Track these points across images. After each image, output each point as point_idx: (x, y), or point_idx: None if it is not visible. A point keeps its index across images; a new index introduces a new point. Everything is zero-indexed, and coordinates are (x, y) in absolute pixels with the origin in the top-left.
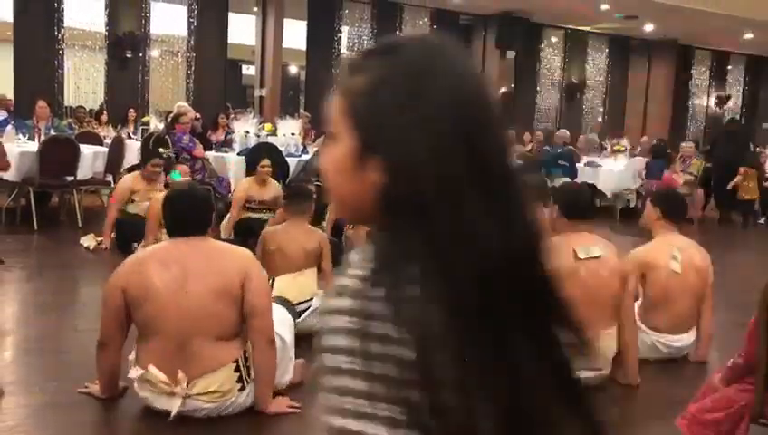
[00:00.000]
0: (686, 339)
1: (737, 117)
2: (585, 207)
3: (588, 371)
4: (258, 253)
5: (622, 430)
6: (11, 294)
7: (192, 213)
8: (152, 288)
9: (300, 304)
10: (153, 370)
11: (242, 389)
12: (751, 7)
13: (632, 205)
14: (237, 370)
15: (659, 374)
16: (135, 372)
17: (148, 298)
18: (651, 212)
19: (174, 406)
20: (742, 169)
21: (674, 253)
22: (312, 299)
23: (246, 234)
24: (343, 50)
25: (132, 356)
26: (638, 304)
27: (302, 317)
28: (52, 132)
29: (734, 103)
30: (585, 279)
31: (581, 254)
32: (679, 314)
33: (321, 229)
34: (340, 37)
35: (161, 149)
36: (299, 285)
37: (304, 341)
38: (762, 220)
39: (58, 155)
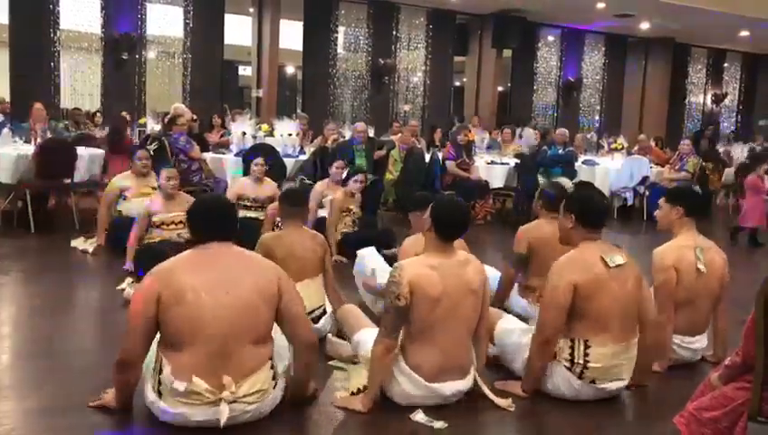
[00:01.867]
0: (701, 340)
1: (733, 114)
2: (602, 214)
3: (618, 381)
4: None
5: (621, 429)
6: (7, 296)
7: (221, 218)
8: (190, 291)
9: (313, 311)
10: (198, 380)
11: (275, 386)
12: (746, 5)
13: (629, 203)
14: (272, 367)
15: (657, 373)
16: (179, 386)
17: (186, 302)
18: (672, 210)
19: (223, 414)
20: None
21: (697, 253)
22: (323, 305)
23: (241, 233)
24: (340, 50)
25: (160, 372)
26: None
27: (318, 325)
28: (49, 135)
29: (731, 101)
30: (617, 291)
31: (610, 263)
32: (699, 316)
33: None
34: (336, 37)
35: (148, 145)
36: (312, 292)
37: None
38: None
39: (54, 157)
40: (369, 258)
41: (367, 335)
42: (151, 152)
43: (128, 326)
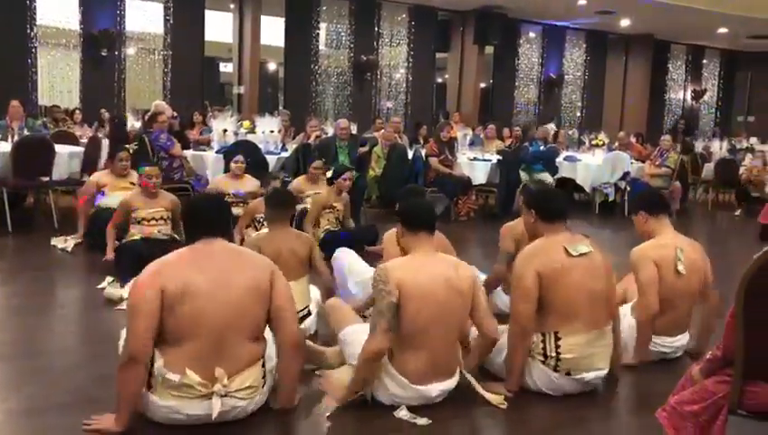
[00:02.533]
0: (683, 338)
1: (713, 110)
2: (562, 207)
3: (595, 371)
4: None
5: (605, 422)
6: None
7: (216, 215)
8: (192, 287)
9: (298, 313)
10: (191, 373)
11: (264, 385)
12: (725, 1)
13: (611, 199)
14: (263, 365)
15: (640, 368)
16: (173, 377)
17: (188, 298)
18: (638, 219)
19: (214, 407)
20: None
21: (678, 253)
22: (308, 307)
23: None
24: (322, 47)
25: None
26: (631, 305)
27: (302, 326)
28: (26, 132)
29: (710, 97)
30: (582, 279)
31: (573, 251)
32: (680, 316)
33: None
34: (318, 34)
35: (127, 145)
36: (296, 294)
37: None
38: (737, 212)
39: (32, 155)
40: (343, 259)
41: (354, 334)
42: (131, 151)
43: (130, 323)
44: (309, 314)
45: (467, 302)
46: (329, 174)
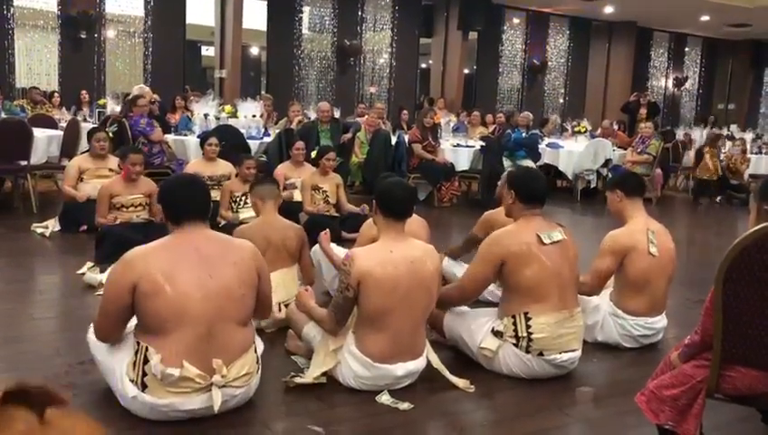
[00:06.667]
0: (662, 320)
1: (694, 97)
2: (542, 193)
3: (567, 353)
4: None
5: (582, 406)
6: None
7: (195, 198)
8: (169, 278)
9: (288, 300)
10: (188, 366)
11: (258, 370)
12: None
13: (593, 186)
14: (255, 350)
15: (619, 353)
16: (174, 371)
17: (166, 290)
18: (613, 197)
19: (215, 399)
20: None
21: (650, 236)
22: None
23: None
24: (305, 30)
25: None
26: (609, 291)
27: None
28: (3, 115)
29: (691, 85)
30: (552, 265)
31: (545, 239)
32: (656, 296)
33: None
34: (301, 17)
35: (108, 127)
36: (288, 281)
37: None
38: (718, 199)
39: (10, 139)
40: (320, 256)
41: (314, 329)
42: (111, 134)
43: (99, 314)
44: None
45: (433, 288)
46: (313, 154)
